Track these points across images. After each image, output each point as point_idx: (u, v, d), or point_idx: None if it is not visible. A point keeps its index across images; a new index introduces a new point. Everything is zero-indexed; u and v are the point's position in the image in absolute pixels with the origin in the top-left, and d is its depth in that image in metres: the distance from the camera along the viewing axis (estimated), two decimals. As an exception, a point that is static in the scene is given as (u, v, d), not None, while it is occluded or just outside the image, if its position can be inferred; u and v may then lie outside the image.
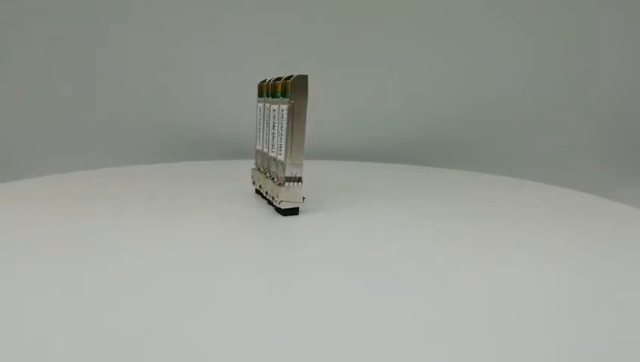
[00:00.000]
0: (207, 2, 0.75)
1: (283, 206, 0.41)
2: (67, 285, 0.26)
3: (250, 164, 0.52)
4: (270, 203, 0.45)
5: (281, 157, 0.42)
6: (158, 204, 0.46)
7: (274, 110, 0.43)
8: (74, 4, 0.72)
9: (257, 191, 0.50)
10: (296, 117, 0.40)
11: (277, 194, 0.42)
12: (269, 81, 0.45)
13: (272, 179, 0.44)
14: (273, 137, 0.44)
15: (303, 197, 0.42)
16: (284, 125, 0.41)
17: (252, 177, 0.50)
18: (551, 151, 0.82)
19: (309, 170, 0.48)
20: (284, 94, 0.41)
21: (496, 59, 0.80)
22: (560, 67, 0.79)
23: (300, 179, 0.41)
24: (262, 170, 0.48)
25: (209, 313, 0.23)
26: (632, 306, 0.26)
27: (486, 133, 0.81)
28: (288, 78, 0.40)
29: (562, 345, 0.22)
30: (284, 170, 0.41)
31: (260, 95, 0.48)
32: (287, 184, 0.41)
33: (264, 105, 0.46)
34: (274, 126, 0.43)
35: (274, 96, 0.43)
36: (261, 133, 0.48)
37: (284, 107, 0.40)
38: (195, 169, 0.69)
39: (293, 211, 0.42)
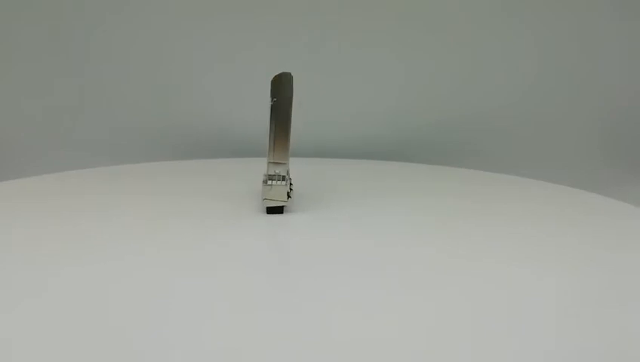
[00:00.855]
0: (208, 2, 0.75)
1: (266, 204, 0.41)
2: (66, 284, 0.28)
3: None
4: None
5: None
6: (152, 202, 0.46)
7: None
8: (74, 3, 0.74)
9: None
10: (279, 115, 0.40)
11: (262, 193, 0.42)
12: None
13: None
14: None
15: (289, 196, 0.41)
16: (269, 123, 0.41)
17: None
18: (554, 150, 0.78)
19: (304, 168, 0.47)
20: (274, 92, 0.41)
21: (498, 58, 0.76)
22: (562, 66, 0.76)
23: (284, 178, 0.41)
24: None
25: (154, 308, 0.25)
26: (636, 304, 0.26)
27: (487, 132, 0.77)
28: (278, 76, 0.40)
29: (570, 343, 0.22)
30: (267, 168, 0.41)
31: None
32: (270, 182, 0.41)
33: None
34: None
35: None
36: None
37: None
38: (209, 166, 0.67)
39: (278, 210, 0.42)
